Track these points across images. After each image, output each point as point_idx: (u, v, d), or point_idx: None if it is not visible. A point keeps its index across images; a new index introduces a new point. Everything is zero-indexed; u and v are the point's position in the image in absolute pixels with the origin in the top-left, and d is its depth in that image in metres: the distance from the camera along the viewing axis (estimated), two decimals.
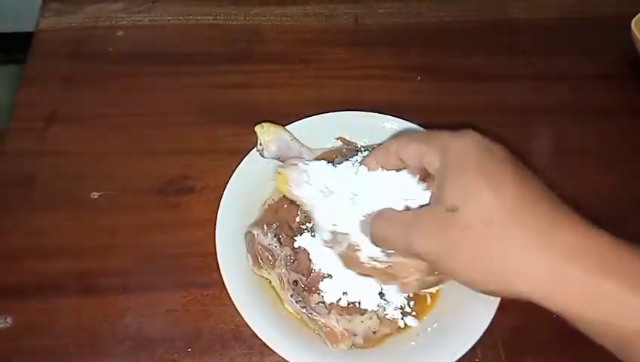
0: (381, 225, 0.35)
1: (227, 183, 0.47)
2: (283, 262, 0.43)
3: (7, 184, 0.52)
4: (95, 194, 0.51)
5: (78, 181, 0.52)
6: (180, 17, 0.66)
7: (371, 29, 0.66)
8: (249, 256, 0.44)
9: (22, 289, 0.46)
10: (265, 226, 0.44)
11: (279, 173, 0.43)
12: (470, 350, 0.40)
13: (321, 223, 0.39)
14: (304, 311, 0.42)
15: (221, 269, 0.43)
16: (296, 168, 0.42)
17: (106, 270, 0.47)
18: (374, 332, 0.42)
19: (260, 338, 0.40)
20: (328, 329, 0.41)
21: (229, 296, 0.42)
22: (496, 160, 0.31)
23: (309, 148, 0.48)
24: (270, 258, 0.43)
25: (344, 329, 0.41)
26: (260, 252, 0.44)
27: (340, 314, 0.42)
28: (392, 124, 0.51)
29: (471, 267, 0.30)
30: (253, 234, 0.44)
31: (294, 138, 0.48)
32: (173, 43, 0.63)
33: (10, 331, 0.44)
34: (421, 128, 0.50)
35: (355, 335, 0.41)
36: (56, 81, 0.59)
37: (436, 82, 0.61)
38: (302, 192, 0.41)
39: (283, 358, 0.40)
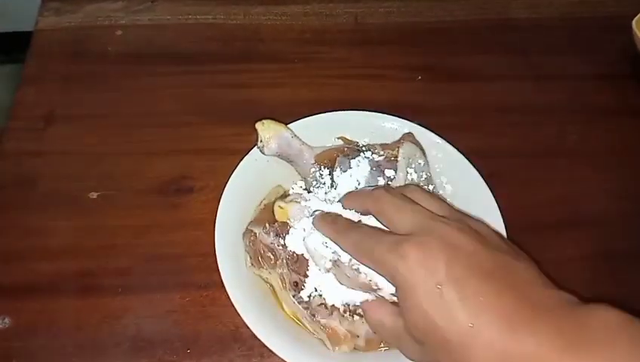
0: (372, 321, 0.37)
1: (227, 183, 0.47)
2: (285, 262, 0.42)
3: (6, 184, 0.51)
4: (94, 194, 0.51)
5: (77, 181, 0.52)
6: (180, 17, 0.65)
7: (371, 29, 0.66)
8: (247, 255, 0.44)
9: (20, 289, 0.46)
10: (267, 225, 0.44)
11: (280, 207, 0.42)
12: None
13: (321, 251, 0.38)
14: (306, 312, 0.41)
15: (220, 270, 0.42)
16: (297, 205, 0.42)
17: (105, 270, 0.47)
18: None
19: (259, 340, 0.40)
20: (330, 330, 0.40)
21: (228, 296, 0.41)
22: (439, 281, 0.31)
23: (309, 146, 0.47)
24: (272, 257, 0.43)
25: (347, 330, 0.40)
26: (262, 251, 0.43)
27: (342, 316, 0.41)
28: (392, 124, 0.51)
29: None
30: (255, 233, 0.44)
31: (295, 135, 0.47)
32: (172, 42, 0.63)
33: (8, 331, 0.44)
34: (421, 128, 0.50)
35: (358, 336, 0.41)
36: (55, 81, 0.58)
37: (436, 82, 0.61)
38: (301, 225, 0.41)
39: (283, 360, 0.40)
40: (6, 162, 0.53)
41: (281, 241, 0.43)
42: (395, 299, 0.36)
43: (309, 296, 0.41)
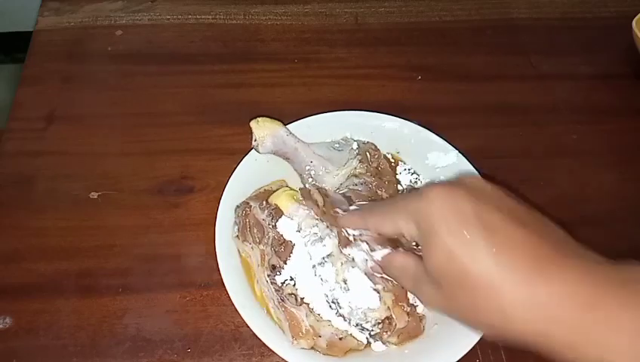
0: (392, 272, 0.38)
1: (227, 183, 0.47)
2: (270, 241, 0.42)
3: (7, 184, 0.51)
4: (94, 194, 0.51)
5: (77, 181, 0.52)
6: (180, 16, 0.65)
7: (372, 28, 0.66)
8: (236, 226, 0.44)
9: (21, 289, 0.46)
10: (264, 202, 0.44)
11: (282, 197, 0.43)
12: (470, 350, 0.40)
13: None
14: (276, 295, 0.41)
15: (221, 269, 0.42)
16: (297, 205, 0.43)
17: (106, 270, 0.47)
18: (340, 339, 0.40)
19: (259, 339, 0.40)
20: (294, 322, 0.40)
21: (228, 296, 0.41)
22: (464, 218, 0.30)
23: (305, 143, 0.47)
24: (258, 233, 0.43)
25: (310, 325, 0.40)
26: (251, 224, 0.43)
27: (310, 311, 0.41)
28: (392, 124, 0.51)
29: (469, 320, 0.32)
30: (250, 206, 0.44)
31: (290, 133, 0.47)
32: (172, 42, 0.63)
33: (9, 331, 0.44)
34: (421, 128, 0.50)
35: (320, 336, 0.40)
36: (55, 81, 0.58)
37: (436, 82, 0.61)
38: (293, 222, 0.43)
39: (283, 359, 0.40)
40: (6, 162, 0.53)
41: (273, 222, 0.43)
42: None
43: (283, 283, 0.41)
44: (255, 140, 0.47)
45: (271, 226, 0.43)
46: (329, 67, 0.62)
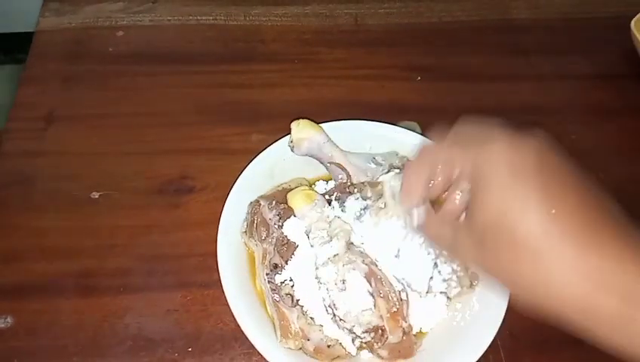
0: (430, 232, 0.36)
1: (233, 185, 0.46)
2: (274, 241, 0.43)
3: (7, 184, 0.51)
4: (95, 194, 0.51)
5: (77, 181, 0.52)
6: (180, 17, 0.65)
7: (371, 29, 0.66)
8: (245, 222, 0.44)
9: (22, 289, 0.46)
10: (274, 201, 0.44)
11: (295, 195, 0.44)
12: None
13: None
14: (271, 293, 0.41)
15: (220, 270, 0.42)
16: (310, 206, 0.43)
17: (106, 270, 0.47)
18: (329, 346, 0.40)
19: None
20: (285, 322, 0.40)
21: None
22: (523, 172, 0.28)
23: (343, 151, 0.46)
24: (264, 231, 0.43)
25: (300, 328, 0.40)
26: (257, 222, 0.43)
27: (303, 313, 0.41)
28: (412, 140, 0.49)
29: (509, 283, 0.30)
30: (260, 204, 0.44)
31: (328, 141, 0.46)
32: (173, 43, 0.63)
33: (9, 331, 0.44)
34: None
35: (308, 339, 0.40)
36: (55, 81, 0.58)
37: (436, 82, 0.61)
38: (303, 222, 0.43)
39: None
40: (6, 162, 0.53)
41: (280, 222, 0.43)
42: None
43: (282, 283, 0.41)
44: (291, 142, 0.47)
45: (277, 226, 0.43)
46: (329, 68, 0.62)
